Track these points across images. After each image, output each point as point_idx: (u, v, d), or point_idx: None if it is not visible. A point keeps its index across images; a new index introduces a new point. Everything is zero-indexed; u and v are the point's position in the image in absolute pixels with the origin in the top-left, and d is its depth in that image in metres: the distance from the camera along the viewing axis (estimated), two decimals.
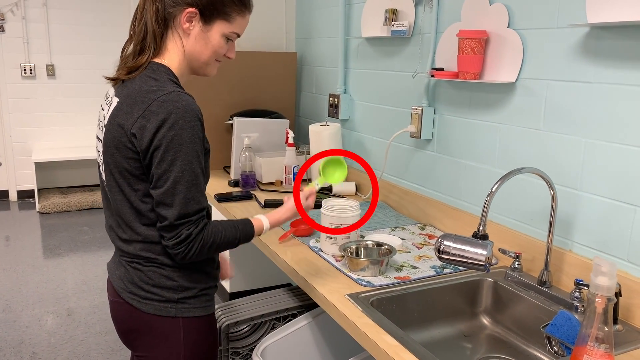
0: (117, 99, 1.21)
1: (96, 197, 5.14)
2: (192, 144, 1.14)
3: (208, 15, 1.20)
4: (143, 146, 1.13)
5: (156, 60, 1.22)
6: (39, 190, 5.24)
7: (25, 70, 5.05)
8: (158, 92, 1.15)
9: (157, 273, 1.23)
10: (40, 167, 5.26)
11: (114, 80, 1.26)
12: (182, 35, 1.22)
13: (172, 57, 1.23)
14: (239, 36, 1.28)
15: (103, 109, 1.27)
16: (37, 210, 4.90)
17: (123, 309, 1.27)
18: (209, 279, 1.30)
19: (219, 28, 1.23)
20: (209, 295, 1.30)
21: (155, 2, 1.19)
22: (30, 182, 5.28)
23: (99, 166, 1.30)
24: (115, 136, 1.18)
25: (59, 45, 5.17)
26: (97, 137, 1.29)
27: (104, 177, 1.27)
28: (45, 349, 2.65)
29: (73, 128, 5.39)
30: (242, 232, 1.27)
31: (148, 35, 1.20)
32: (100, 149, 1.24)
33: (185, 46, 1.23)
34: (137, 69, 1.21)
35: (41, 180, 5.34)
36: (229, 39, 1.26)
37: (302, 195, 1.44)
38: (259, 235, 1.35)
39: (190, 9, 1.19)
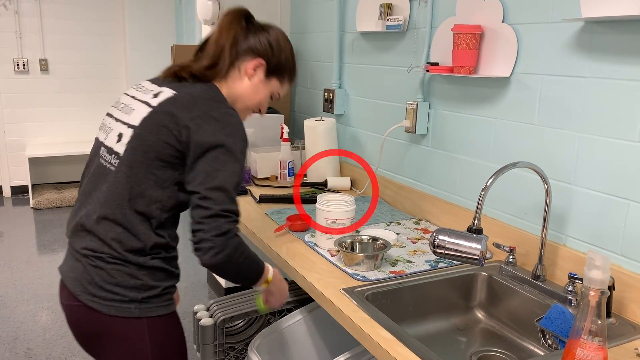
0: (173, 92, 1.25)
1: None
2: (242, 156, 1.22)
3: (271, 71, 1.38)
4: (195, 141, 1.18)
5: (215, 82, 1.33)
6: (32, 185, 5.22)
7: (18, 65, 5.02)
8: (221, 104, 1.25)
9: (120, 271, 1.20)
10: (34, 162, 5.24)
11: (169, 75, 1.32)
12: (243, 76, 1.35)
13: (226, 87, 1.34)
14: (279, 97, 1.47)
15: (132, 95, 1.31)
16: (31, 206, 4.88)
17: (81, 312, 1.22)
18: (172, 278, 1.28)
19: (273, 85, 1.40)
20: (170, 294, 1.28)
21: (236, 34, 1.33)
22: (24, 178, 5.26)
23: (100, 147, 1.30)
24: (161, 121, 1.20)
25: (52, 40, 5.14)
26: (112, 116, 1.32)
27: (115, 151, 1.24)
28: (40, 344, 2.65)
29: (67, 123, 5.36)
30: (260, 266, 1.31)
31: (222, 59, 1.32)
32: (127, 127, 1.24)
33: (240, 86, 1.36)
34: (198, 77, 1.30)
35: (35, 175, 5.31)
36: (272, 96, 1.43)
37: None
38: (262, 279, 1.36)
39: (261, 61, 1.35)
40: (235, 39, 1.33)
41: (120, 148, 1.24)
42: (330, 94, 2.54)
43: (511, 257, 1.55)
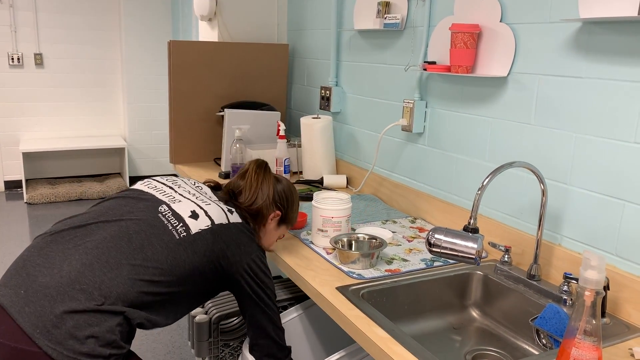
0: (227, 207, 1.41)
1: (85, 188, 5.10)
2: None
3: (282, 220, 1.56)
4: (226, 273, 1.34)
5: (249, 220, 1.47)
6: (26, 180, 5.19)
7: (12, 59, 4.99)
8: (255, 252, 1.39)
9: (105, 322, 1.11)
10: (28, 157, 5.21)
11: (224, 191, 1.51)
12: (263, 221, 1.51)
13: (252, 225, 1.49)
14: (282, 237, 1.63)
15: (191, 192, 1.43)
16: (25, 200, 4.86)
17: (28, 359, 1.06)
18: (129, 343, 1.20)
19: (281, 230, 1.58)
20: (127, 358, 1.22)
21: (275, 190, 1.52)
22: (17, 173, 5.23)
23: (159, 203, 1.34)
24: (205, 237, 1.31)
25: (47, 34, 5.11)
26: (171, 187, 1.43)
27: (178, 224, 1.30)
28: None
29: (61, 118, 5.33)
30: None
31: (262, 208, 1.49)
32: (195, 206, 1.36)
33: (259, 229, 1.52)
34: (240, 209, 1.45)
35: (29, 170, 5.29)
36: (278, 238, 1.61)
37: None
38: None
39: (280, 213, 1.53)
40: (270, 194, 1.51)
41: (193, 226, 1.30)
42: (327, 92, 2.54)
43: (506, 256, 1.56)
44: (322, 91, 2.57)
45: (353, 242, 1.62)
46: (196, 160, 2.76)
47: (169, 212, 1.31)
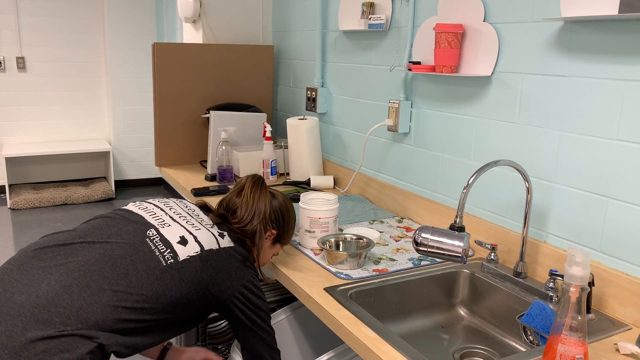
0: (231, 244, 1.37)
1: (69, 193, 5.05)
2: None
3: (277, 239, 1.52)
4: (216, 300, 1.31)
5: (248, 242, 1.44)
6: (10, 185, 5.13)
7: None
8: (247, 276, 1.37)
9: (77, 349, 1.08)
10: (11, 162, 5.15)
11: (216, 214, 1.45)
12: (259, 240, 1.45)
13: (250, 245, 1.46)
14: (276, 254, 1.58)
15: (182, 214, 1.40)
16: (8, 206, 4.79)
17: None
18: None
19: (275, 248, 1.54)
20: None
21: (271, 208, 1.48)
22: (0, 178, 5.16)
23: (148, 226, 1.32)
24: (193, 264, 1.27)
25: (29, 38, 5.05)
26: (162, 210, 1.40)
27: (166, 250, 1.27)
28: None
29: (45, 122, 5.28)
30: None
31: (258, 227, 1.44)
32: (184, 232, 1.33)
33: (254, 248, 1.46)
34: (233, 231, 1.42)
35: (12, 175, 5.22)
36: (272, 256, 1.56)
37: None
38: None
39: (276, 232, 1.50)
40: (266, 213, 1.47)
41: (181, 252, 1.27)
42: (313, 93, 2.54)
43: (493, 254, 1.57)
44: (308, 92, 2.57)
45: (340, 242, 1.62)
46: (182, 163, 2.74)
47: (157, 237, 1.28)
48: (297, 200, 2.14)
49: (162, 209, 1.39)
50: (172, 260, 1.24)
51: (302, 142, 2.38)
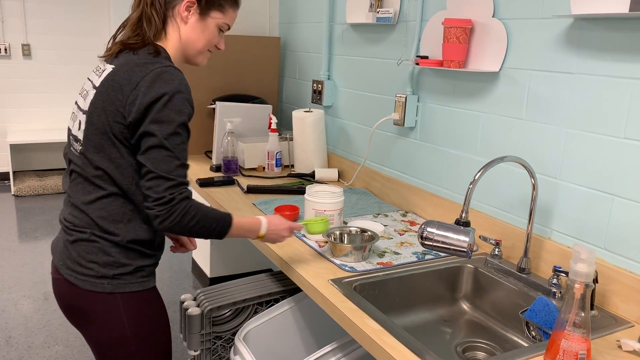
0: (111, 66, 1.24)
1: None
2: (183, 116, 1.19)
3: (205, 6, 1.30)
4: (135, 113, 1.16)
5: (159, 42, 1.30)
6: (14, 172, 5.14)
7: (0, 49, 4.92)
8: (156, 64, 1.20)
9: (95, 248, 1.24)
10: (16, 149, 5.16)
11: (108, 54, 1.30)
12: (180, 23, 1.30)
13: (169, 42, 1.31)
14: (229, 28, 1.38)
15: (91, 80, 1.29)
16: (12, 193, 4.81)
17: (62, 285, 1.28)
18: (146, 258, 1.30)
19: (213, 19, 1.32)
20: (145, 272, 1.30)
21: None
22: (5, 165, 5.17)
23: (69, 133, 1.31)
24: (106, 99, 1.20)
25: (35, 25, 5.04)
26: (77, 103, 1.31)
27: (79, 139, 1.25)
28: (22, 332, 2.62)
29: (49, 109, 5.28)
30: (223, 219, 1.28)
31: (147, 20, 1.27)
32: (82, 113, 1.25)
33: (181, 34, 1.31)
34: (133, 46, 1.25)
35: (16, 162, 5.23)
36: (220, 30, 1.36)
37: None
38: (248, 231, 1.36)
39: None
40: None
41: (81, 131, 1.25)
42: (319, 85, 2.54)
43: (497, 249, 1.57)
44: (314, 85, 2.57)
45: (345, 235, 1.63)
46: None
47: (72, 139, 1.29)
48: (302, 192, 2.15)
49: (81, 97, 1.30)
50: (80, 147, 1.25)
51: (307, 135, 2.39)
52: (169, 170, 1.17)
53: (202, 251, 3.08)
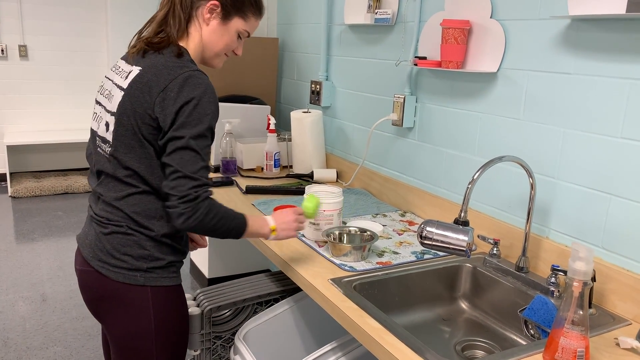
0: (138, 68, 1.26)
1: (70, 182, 5.05)
2: (210, 120, 1.22)
3: (228, 11, 1.32)
4: (165, 118, 1.20)
5: (179, 42, 1.31)
6: (11, 174, 5.13)
7: None
8: (184, 68, 1.22)
9: (130, 240, 1.27)
10: (13, 150, 5.15)
11: (134, 51, 1.30)
12: (202, 24, 1.32)
13: (190, 42, 1.33)
14: (249, 36, 1.40)
15: (111, 79, 1.32)
16: (10, 194, 4.80)
17: (92, 277, 1.30)
18: (177, 253, 1.34)
19: (235, 24, 1.34)
20: (175, 267, 1.34)
21: None
22: (2, 166, 5.16)
23: (94, 134, 1.33)
24: (135, 101, 1.22)
25: (32, 26, 5.04)
26: (100, 104, 1.33)
27: (107, 140, 1.27)
28: (20, 334, 2.62)
29: (46, 111, 5.27)
30: (239, 219, 1.31)
31: (173, 17, 1.30)
32: (110, 115, 1.27)
33: (202, 35, 1.33)
34: (158, 46, 1.28)
35: (13, 164, 5.22)
36: (240, 36, 1.38)
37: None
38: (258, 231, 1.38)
39: (214, 2, 1.30)
40: None
41: (109, 136, 1.28)
42: (317, 86, 2.54)
43: (495, 249, 1.58)
44: (313, 85, 2.58)
45: (344, 235, 1.64)
46: None
47: (99, 141, 1.31)
48: (301, 192, 2.16)
49: (104, 97, 1.33)
50: (110, 149, 1.27)
51: (306, 135, 2.39)
52: (195, 170, 1.20)
53: (201, 252, 3.08)
